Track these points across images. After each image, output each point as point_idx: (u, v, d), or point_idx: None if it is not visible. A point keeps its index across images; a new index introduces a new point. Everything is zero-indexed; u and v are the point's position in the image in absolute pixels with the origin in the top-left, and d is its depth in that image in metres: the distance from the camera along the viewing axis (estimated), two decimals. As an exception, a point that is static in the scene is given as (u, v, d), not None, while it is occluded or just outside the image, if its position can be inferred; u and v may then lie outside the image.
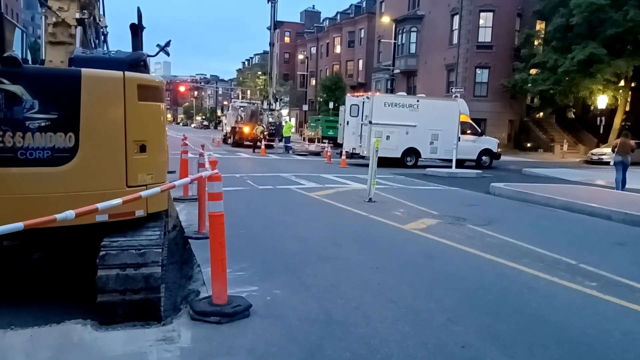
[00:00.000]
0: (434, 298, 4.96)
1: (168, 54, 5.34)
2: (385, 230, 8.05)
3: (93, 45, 6.09)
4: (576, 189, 14.08)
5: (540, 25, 36.88)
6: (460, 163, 21.49)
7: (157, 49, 5.24)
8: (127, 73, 4.37)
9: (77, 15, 5.42)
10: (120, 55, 4.71)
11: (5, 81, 3.97)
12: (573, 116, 38.83)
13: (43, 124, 4.08)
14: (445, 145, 21.23)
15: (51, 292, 5.13)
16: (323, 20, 77.25)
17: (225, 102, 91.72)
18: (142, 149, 4.48)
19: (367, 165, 11.75)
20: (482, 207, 11.01)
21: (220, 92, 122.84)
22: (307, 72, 69.67)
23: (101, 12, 6.60)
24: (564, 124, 39.44)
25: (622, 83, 31.73)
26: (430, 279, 5.56)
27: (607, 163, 27.72)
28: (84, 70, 4.22)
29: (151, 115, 4.61)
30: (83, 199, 4.10)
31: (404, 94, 28.01)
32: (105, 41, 6.90)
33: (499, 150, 24.23)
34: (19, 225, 2.55)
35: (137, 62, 4.63)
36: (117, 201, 3.26)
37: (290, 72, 79.44)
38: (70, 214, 2.71)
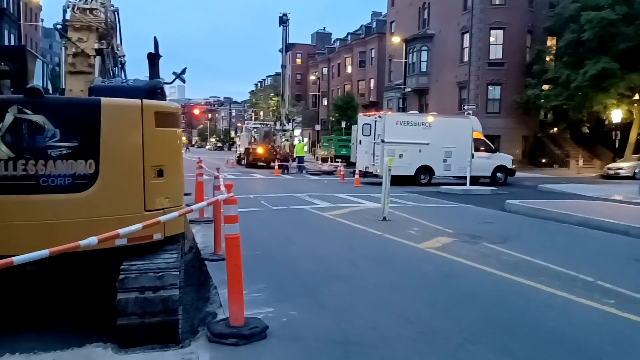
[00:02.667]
0: (451, 317, 4.95)
1: (184, 81, 5.48)
2: (400, 249, 8.04)
3: (111, 73, 6.26)
4: (593, 204, 13.94)
5: (551, 41, 36.88)
6: (475, 180, 21.39)
7: (173, 77, 5.39)
8: (145, 101, 4.48)
9: (96, 46, 5.60)
10: (138, 83, 4.84)
11: (28, 111, 4.11)
12: (587, 131, 38.53)
13: (64, 152, 4.20)
14: (459, 163, 21.17)
15: (72, 316, 5.21)
16: (334, 41, 78.08)
17: (239, 124, 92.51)
18: (160, 173, 4.58)
19: (380, 184, 11.78)
20: (498, 224, 10.94)
21: (233, 114, 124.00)
22: (319, 92, 70.14)
23: (119, 41, 6.79)
24: (579, 139, 39.14)
25: (636, 97, 31.49)
26: (446, 298, 5.54)
27: (625, 177, 27.41)
28: (103, 99, 4.34)
29: (168, 141, 4.71)
30: (103, 223, 4.19)
31: (416, 112, 28.10)
32: (123, 69, 7.09)
33: (513, 166, 24.07)
34: (44, 253, 2.63)
35: (154, 90, 4.76)
36: (138, 226, 3.34)
37: (302, 92, 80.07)
38: (93, 240, 2.79)
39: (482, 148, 23.17)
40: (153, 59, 5.12)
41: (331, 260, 7.14)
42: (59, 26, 5.68)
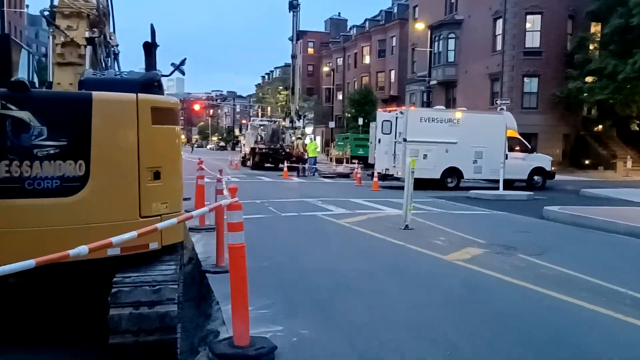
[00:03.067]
0: (481, 338, 4.93)
1: (183, 73, 5.52)
2: (424, 261, 8.02)
3: (104, 65, 6.33)
4: (643, 211, 13.79)
5: (595, 28, 36.60)
6: (509, 184, 21.26)
7: (172, 68, 5.43)
8: (141, 95, 4.53)
9: (87, 34, 5.65)
10: (133, 76, 4.89)
11: (12, 107, 4.15)
12: (637, 128, 38.12)
13: (52, 152, 4.25)
14: (491, 164, 21.07)
15: (59, 333, 5.26)
16: (350, 28, 78.19)
17: (244, 121, 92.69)
18: (157, 175, 4.61)
19: (402, 188, 11.77)
20: (535, 234, 10.87)
21: (237, 110, 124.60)
22: (333, 85, 70.25)
23: (112, 29, 6.87)
24: (627, 138, 38.70)
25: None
26: (476, 316, 5.52)
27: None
28: (95, 93, 4.39)
29: (166, 139, 4.75)
30: (94, 231, 4.24)
31: (442, 107, 28.05)
32: (116, 60, 7.16)
33: (552, 168, 23.89)
34: (30, 263, 2.66)
35: (151, 83, 4.79)
36: (132, 234, 3.36)
37: (314, 85, 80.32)
38: (83, 249, 2.82)
39: (517, 148, 23.04)
40: (149, 48, 5.17)
41: (347, 273, 7.14)
42: (46, 13, 5.74)
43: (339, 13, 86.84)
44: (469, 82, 41.44)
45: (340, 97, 71.95)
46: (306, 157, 31.36)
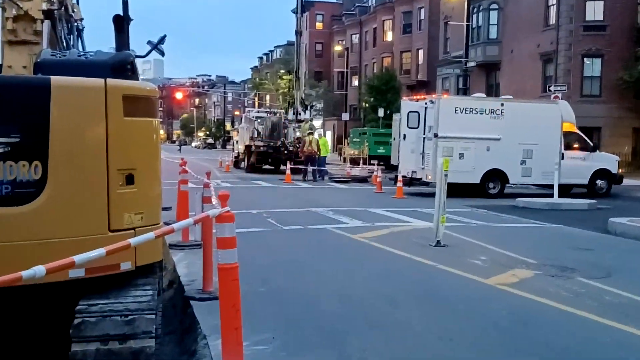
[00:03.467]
0: (530, 381, 4.89)
1: (162, 53, 5.55)
2: (459, 285, 8.00)
3: (65, 44, 6.36)
4: None
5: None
6: (566, 190, 21.15)
7: (149, 47, 5.45)
8: (110, 81, 4.55)
9: (44, 6, 5.69)
10: (101, 57, 4.91)
11: (-49, 96, 4.19)
12: None
13: (1, 151, 4.27)
14: (543, 166, 20.99)
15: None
16: (368, -3, 78.29)
17: (237, 112, 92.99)
18: (130, 179, 4.65)
19: (432, 195, 11.74)
20: (598, 252, 10.81)
21: (229, 99, 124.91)
22: (347, 68, 70.04)
23: (75, 0, 6.90)
24: None
25: None
26: (526, 354, 5.48)
27: None
28: (54, 78, 4.41)
29: (141, 135, 4.79)
30: (52, 248, 4.26)
31: (483, 95, 27.93)
32: (80, 38, 7.20)
33: (619, 170, 23.76)
34: (-27, 286, 2.66)
35: (123, 66, 4.82)
36: (100, 252, 3.36)
37: (324, 69, 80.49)
38: (39, 270, 2.82)
39: (576, 145, 22.94)
40: (121, 23, 5.20)
41: (364, 300, 7.13)
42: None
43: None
44: (515, 63, 41.36)
45: (355, 82, 72.01)
46: (317, 155, 31.29)
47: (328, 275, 8.48)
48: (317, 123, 67.77)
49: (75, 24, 6.89)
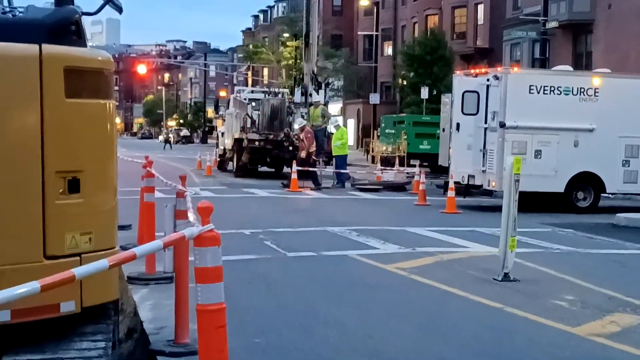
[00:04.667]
0: None
1: (120, 9, 5.49)
2: (539, 335, 7.93)
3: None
4: None
5: None
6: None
7: (101, 2, 5.41)
8: (47, 47, 4.53)
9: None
10: (35, 14, 4.88)
11: None
12: None
13: None
14: (655, 168, 20.95)
15: None
16: None
17: (223, 93, 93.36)
18: (73, 186, 4.63)
19: (497, 209, 11.65)
20: None
21: (212, 74, 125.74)
22: (376, 31, 70.01)
23: None
24: None
25: None
26: None
27: None
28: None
29: (89, 124, 4.77)
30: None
31: (569, 68, 27.80)
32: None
33: None
34: None
35: (65, 27, 4.78)
36: (31, 287, 3.30)
37: (344, 32, 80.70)
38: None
39: None
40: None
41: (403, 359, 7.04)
42: None
43: None
44: (614, 24, 41.12)
45: (389, 51, 72.12)
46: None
47: (350, 324, 8.40)
48: (334, 108, 67.97)
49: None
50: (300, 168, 28.30)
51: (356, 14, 78.93)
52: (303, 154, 29.23)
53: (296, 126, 32.04)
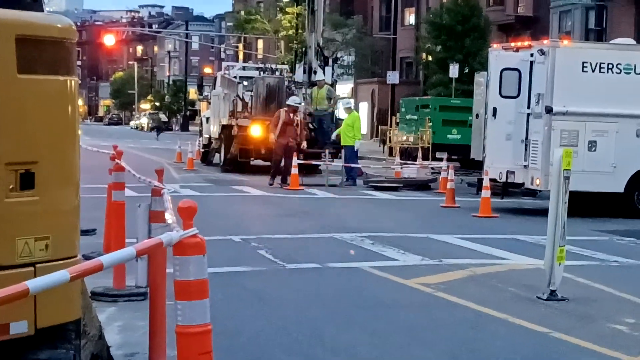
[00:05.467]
0: None
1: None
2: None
3: None
4: None
5: None
6: None
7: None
8: (-6, 11, 4.56)
9: None
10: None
11: None
12: None
13: None
14: None
15: None
16: None
17: (208, 70, 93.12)
18: (27, 181, 4.64)
19: (541, 213, 11.65)
20: None
21: (195, 47, 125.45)
22: (396, -5, 70.18)
23: None
24: None
25: None
26: None
27: None
28: None
29: (46, 106, 4.79)
30: None
31: (630, 41, 27.74)
32: None
33: None
34: None
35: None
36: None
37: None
38: None
39: None
40: None
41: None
42: None
43: None
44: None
45: (411, 20, 71.91)
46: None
47: (362, 352, 8.43)
48: (344, 89, 67.72)
49: None
50: (303, 161, 28.31)
51: (371, -25, 78.84)
52: (291, 142, 28.79)
53: (290, 103, 31.47)
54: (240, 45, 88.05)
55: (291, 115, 29.06)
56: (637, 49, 23.40)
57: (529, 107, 21.24)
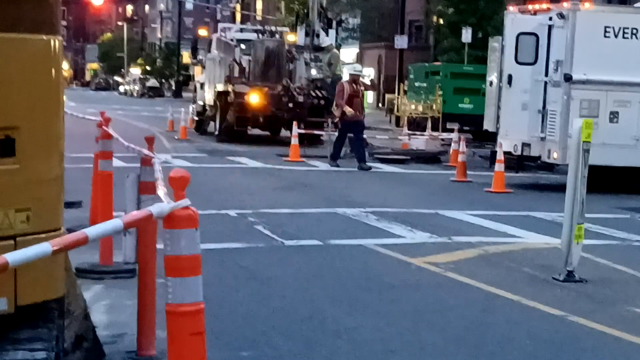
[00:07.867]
0: None
1: None
2: (611, 353, 7.97)
3: None
4: None
5: None
6: None
7: None
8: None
9: None
10: None
11: None
12: None
13: None
14: None
15: None
16: None
17: (203, 32, 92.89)
18: (6, 147, 4.62)
19: (559, 188, 11.63)
20: None
21: (189, 7, 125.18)
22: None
23: None
24: None
25: None
26: None
27: None
28: None
29: (28, 67, 4.76)
30: None
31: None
32: None
33: None
34: None
35: None
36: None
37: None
38: None
39: None
40: None
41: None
42: None
43: None
44: None
45: (420, -20, 71.75)
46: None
47: (366, 335, 8.45)
48: (348, 54, 67.68)
49: None
50: (304, 131, 28.18)
51: None
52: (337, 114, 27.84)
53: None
54: (238, 6, 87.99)
55: (354, 85, 27.87)
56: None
57: (546, 75, 21.23)
